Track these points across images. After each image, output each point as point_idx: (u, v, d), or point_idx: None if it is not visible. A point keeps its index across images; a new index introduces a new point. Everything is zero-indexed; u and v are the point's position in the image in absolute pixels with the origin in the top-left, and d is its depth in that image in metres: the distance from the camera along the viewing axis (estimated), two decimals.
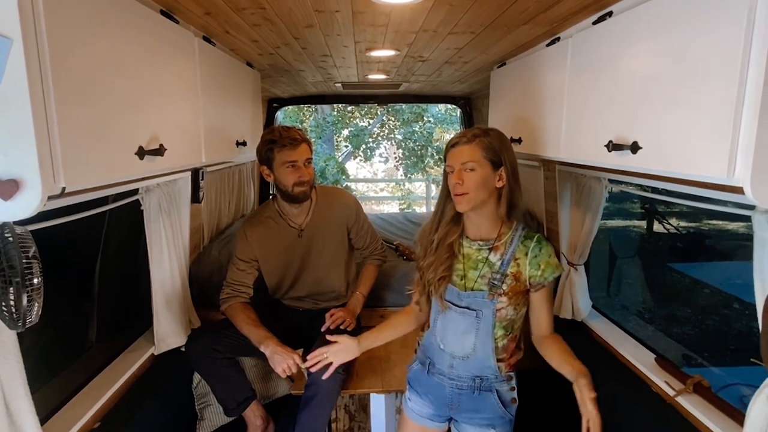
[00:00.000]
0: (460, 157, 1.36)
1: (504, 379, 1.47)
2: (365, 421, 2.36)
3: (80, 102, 0.95)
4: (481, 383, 1.46)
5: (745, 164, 0.88)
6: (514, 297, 1.40)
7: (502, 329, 1.43)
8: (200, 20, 1.50)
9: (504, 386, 1.47)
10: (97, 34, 1.01)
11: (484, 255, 1.42)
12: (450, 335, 1.46)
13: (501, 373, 1.46)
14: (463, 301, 1.42)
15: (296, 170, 1.88)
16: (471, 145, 1.36)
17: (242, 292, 1.97)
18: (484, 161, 1.35)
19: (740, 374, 2.79)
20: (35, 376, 1.17)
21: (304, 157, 1.90)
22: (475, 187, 1.34)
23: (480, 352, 1.43)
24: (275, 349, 1.76)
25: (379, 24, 1.60)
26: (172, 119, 1.37)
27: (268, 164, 1.91)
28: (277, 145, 1.86)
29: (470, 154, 1.35)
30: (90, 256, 1.90)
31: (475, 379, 1.46)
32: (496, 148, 1.36)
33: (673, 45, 1.05)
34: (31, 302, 1.09)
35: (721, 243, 5.04)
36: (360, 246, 2.17)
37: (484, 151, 1.35)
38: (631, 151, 1.17)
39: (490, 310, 1.40)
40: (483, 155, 1.35)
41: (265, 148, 1.89)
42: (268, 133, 1.91)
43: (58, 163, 0.88)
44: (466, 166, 1.35)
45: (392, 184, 12.33)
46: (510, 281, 1.39)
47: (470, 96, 3.76)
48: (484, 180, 1.35)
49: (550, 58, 1.72)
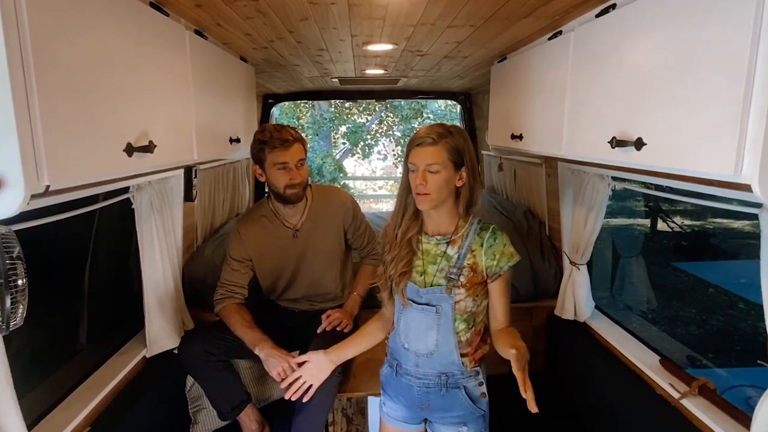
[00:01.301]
0: (424, 158, 1.36)
1: (470, 374, 1.46)
2: (363, 425, 2.33)
3: (65, 96, 0.91)
4: (447, 380, 1.46)
5: (753, 161, 0.86)
6: (472, 288, 1.41)
7: (464, 322, 1.43)
8: (191, 12, 1.47)
9: (471, 382, 1.47)
10: (83, 25, 0.98)
11: (442, 249, 1.44)
12: (413, 333, 1.47)
13: (466, 368, 1.45)
14: (422, 298, 1.43)
15: (287, 172, 1.83)
16: (436, 146, 1.36)
17: (237, 293, 1.93)
18: (447, 163, 1.36)
19: (746, 375, 2.76)
20: (23, 379, 1.14)
21: (296, 158, 1.85)
22: (437, 188, 1.37)
23: (443, 348, 1.44)
24: (270, 352, 1.72)
25: (376, 17, 1.56)
26: (162, 115, 1.34)
27: (260, 164, 1.87)
28: (268, 145, 1.81)
29: (435, 156, 1.36)
30: (80, 256, 1.86)
31: (441, 376, 1.46)
32: (460, 149, 1.38)
33: (678, 38, 1.02)
34: (16, 304, 1.06)
35: (727, 241, 5.02)
36: (358, 246, 2.13)
37: (448, 152, 1.36)
38: (635, 148, 1.14)
39: (449, 305, 1.41)
40: (447, 157, 1.36)
41: (256, 148, 1.85)
42: (259, 133, 1.86)
43: (42, 160, 0.84)
44: (430, 167, 1.36)
45: (391, 181, 12.29)
46: (467, 273, 1.41)
47: (470, 91, 3.72)
48: (446, 181, 1.37)
49: (551, 53, 1.68)
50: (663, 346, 2.30)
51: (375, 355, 2.08)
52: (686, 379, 1.60)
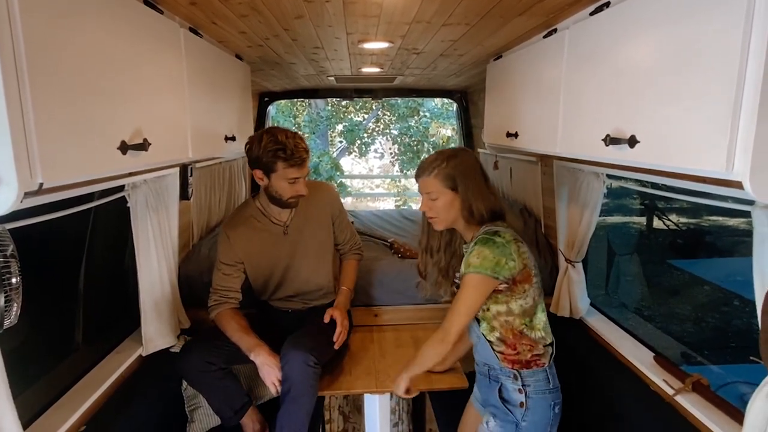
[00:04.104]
0: (424, 188, 1.56)
1: (509, 375, 1.52)
2: (359, 422, 2.34)
3: (58, 94, 0.91)
4: (489, 371, 1.58)
5: (744, 158, 0.86)
6: None
7: (484, 321, 1.54)
8: (185, 10, 1.46)
9: (509, 382, 1.53)
10: (77, 22, 0.97)
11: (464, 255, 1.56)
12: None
13: (503, 365, 1.52)
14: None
15: (296, 185, 1.82)
16: (431, 177, 1.53)
17: (231, 298, 1.91)
18: (443, 189, 1.53)
19: (740, 372, 2.78)
20: (19, 378, 1.14)
21: (306, 173, 1.84)
22: (441, 211, 1.55)
23: (481, 340, 1.56)
24: (265, 360, 1.73)
25: (371, 15, 1.56)
26: (156, 113, 1.33)
27: (266, 172, 1.80)
28: (285, 160, 1.75)
29: (431, 185, 1.54)
30: (76, 255, 1.86)
31: (484, 366, 1.60)
32: (452, 176, 1.51)
33: (671, 37, 1.02)
34: (10, 302, 1.06)
35: (722, 239, 5.04)
36: (341, 240, 2.12)
37: (442, 180, 1.52)
38: (628, 145, 1.14)
39: None
40: (442, 185, 1.52)
41: (268, 156, 1.76)
42: (273, 141, 1.76)
43: (35, 157, 0.84)
44: (429, 195, 1.55)
45: (388, 180, 12.27)
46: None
47: (466, 90, 3.72)
48: (447, 205, 1.54)
49: (546, 51, 1.68)
50: (658, 343, 2.32)
51: (371, 353, 2.09)
52: (680, 376, 1.61)
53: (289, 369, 1.68)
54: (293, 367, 1.68)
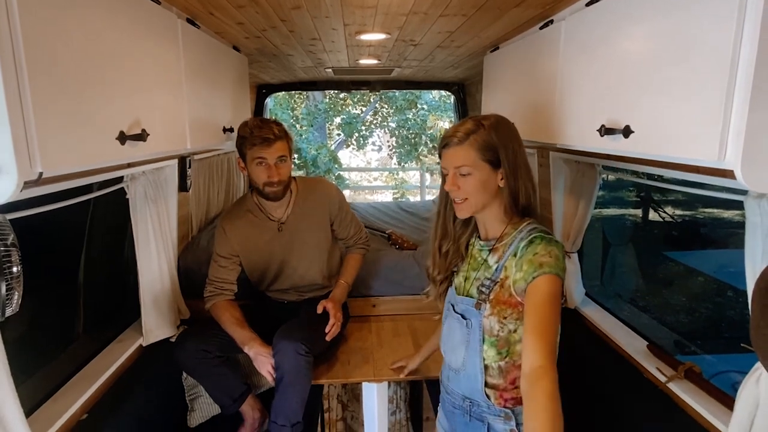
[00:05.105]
0: (453, 161, 1.20)
1: (499, 414, 1.21)
2: (357, 411, 2.36)
3: (57, 84, 0.91)
4: (471, 407, 1.26)
5: (735, 147, 0.87)
6: (497, 306, 1.19)
7: (493, 347, 1.20)
8: (183, 1, 1.46)
9: (498, 423, 1.21)
10: (75, 12, 0.98)
11: (484, 257, 1.26)
12: (448, 343, 1.31)
13: (492, 402, 1.22)
14: (458, 306, 1.28)
15: (267, 168, 1.82)
16: (463, 146, 1.18)
17: (226, 290, 1.94)
18: (480, 163, 1.19)
19: (733, 361, 2.81)
20: (20, 367, 1.15)
21: (276, 155, 1.81)
22: (473, 192, 1.20)
23: (469, 369, 1.24)
24: (259, 351, 1.76)
25: (368, 6, 1.56)
26: (155, 103, 1.34)
27: (243, 157, 1.87)
28: (252, 140, 1.80)
29: (464, 157, 1.19)
30: (76, 245, 1.86)
31: (465, 401, 1.27)
32: (493, 145, 1.18)
33: (665, 27, 1.03)
34: (11, 291, 1.07)
35: (716, 231, 5.06)
36: (344, 237, 2.13)
37: (478, 151, 1.18)
38: (623, 136, 1.15)
39: (478, 321, 1.21)
40: (478, 156, 1.18)
41: (238, 142, 1.85)
42: (241, 128, 1.85)
43: (34, 146, 0.85)
44: (460, 170, 1.20)
45: (386, 173, 12.27)
46: (497, 288, 1.20)
47: (464, 82, 3.72)
48: (483, 183, 1.19)
49: (543, 42, 1.69)
50: (652, 332, 2.34)
51: (369, 342, 2.11)
52: (673, 364, 1.63)
53: (281, 358, 1.71)
54: (284, 356, 1.70)
